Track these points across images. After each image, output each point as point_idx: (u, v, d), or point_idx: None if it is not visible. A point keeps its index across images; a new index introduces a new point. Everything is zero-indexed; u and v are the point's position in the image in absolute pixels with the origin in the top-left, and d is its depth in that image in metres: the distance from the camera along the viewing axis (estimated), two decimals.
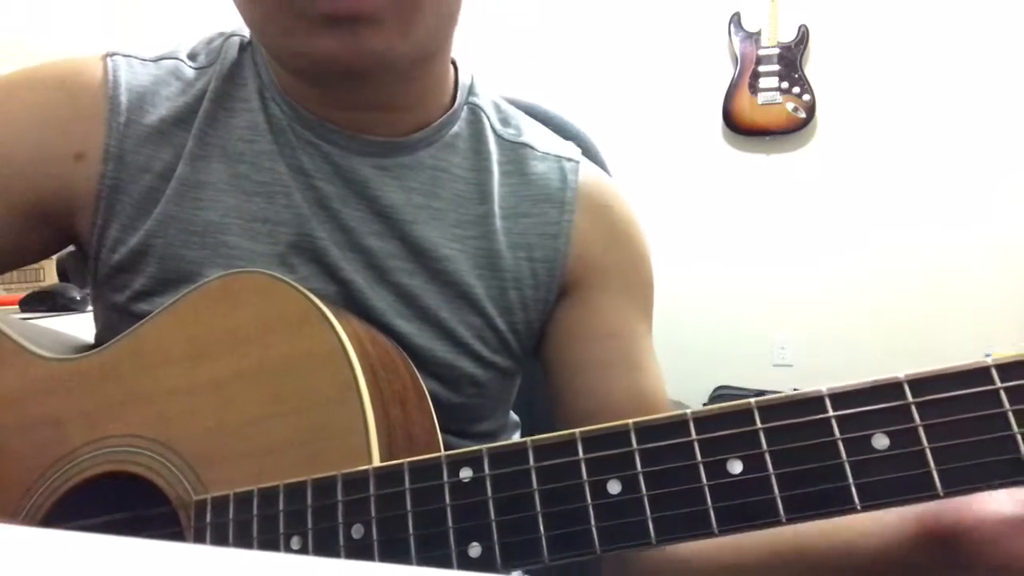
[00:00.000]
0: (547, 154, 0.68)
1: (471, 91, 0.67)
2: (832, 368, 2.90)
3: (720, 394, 3.04)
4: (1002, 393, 0.34)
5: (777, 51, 2.95)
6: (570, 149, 0.70)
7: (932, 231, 2.86)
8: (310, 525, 0.44)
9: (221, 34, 0.65)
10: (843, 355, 2.93)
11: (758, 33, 2.97)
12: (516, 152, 0.67)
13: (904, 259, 2.89)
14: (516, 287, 0.64)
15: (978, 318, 2.79)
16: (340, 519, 0.43)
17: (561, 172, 0.67)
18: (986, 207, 2.80)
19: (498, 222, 0.64)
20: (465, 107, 0.66)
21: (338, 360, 0.49)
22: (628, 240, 0.69)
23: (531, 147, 0.68)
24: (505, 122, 0.69)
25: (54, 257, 2.05)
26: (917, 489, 0.34)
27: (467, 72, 0.68)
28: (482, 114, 0.67)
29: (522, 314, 0.65)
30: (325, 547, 0.43)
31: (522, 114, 0.72)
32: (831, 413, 0.35)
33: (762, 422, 0.36)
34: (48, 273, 2.11)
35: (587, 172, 0.69)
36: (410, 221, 0.61)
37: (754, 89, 2.97)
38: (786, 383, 2.96)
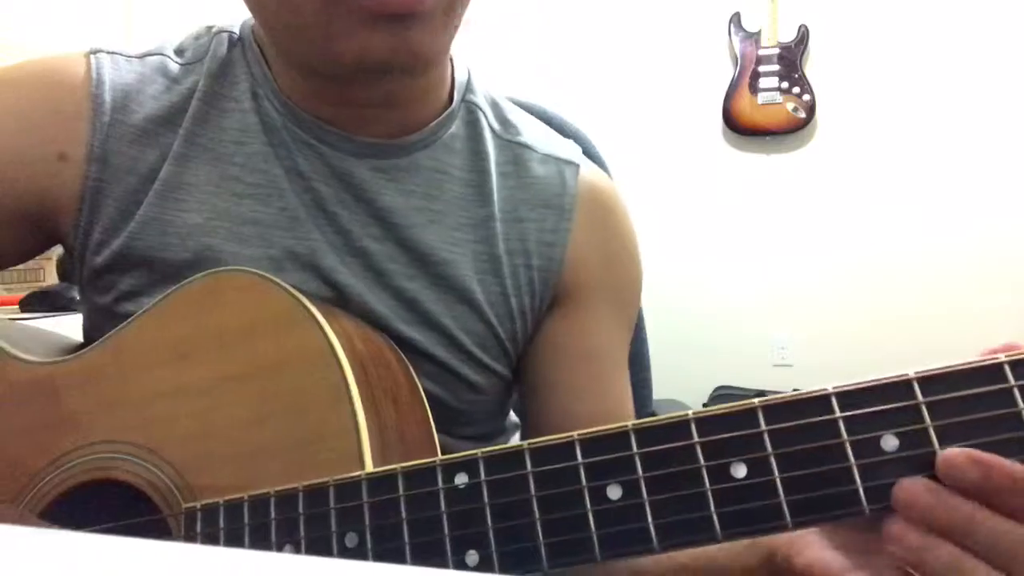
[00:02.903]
0: (547, 156, 0.66)
1: (468, 88, 0.65)
2: (832, 368, 2.88)
3: (720, 394, 3.03)
4: (1016, 392, 0.33)
5: (777, 51, 2.94)
6: (570, 149, 0.68)
7: (932, 231, 2.85)
8: (303, 534, 0.42)
9: (208, 28, 0.63)
10: (843, 355, 2.91)
11: (758, 33, 2.97)
12: (515, 152, 0.65)
13: (904, 259, 2.88)
14: (516, 294, 0.63)
15: (978, 319, 2.78)
16: (333, 527, 0.42)
17: (560, 176, 0.65)
18: (986, 207, 2.79)
19: (499, 226, 0.62)
20: (462, 106, 0.64)
21: (327, 360, 0.48)
22: (623, 255, 0.68)
23: (530, 148, 0.65)
24: (503, 120, 0.67)
25: (54, 257, 2.05)
26: None
27: (463, 69, 0.66)
28: (479, 112, 0.65)
29: (520, 322, 0.64)
30: (318, 556, 0.42)
31: (520, 111, 0.70)
32: (838, 414, 0.34)
33: (766, 423, 0.35)
34: (48, 273, 2.11)
35: (587, 177, 0.66)
36: (409, 225, 0.59)
37: (754, 89, 2.96)
38: (786, 383, 2.94)
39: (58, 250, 0.66)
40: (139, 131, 0.58)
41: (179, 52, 0.62)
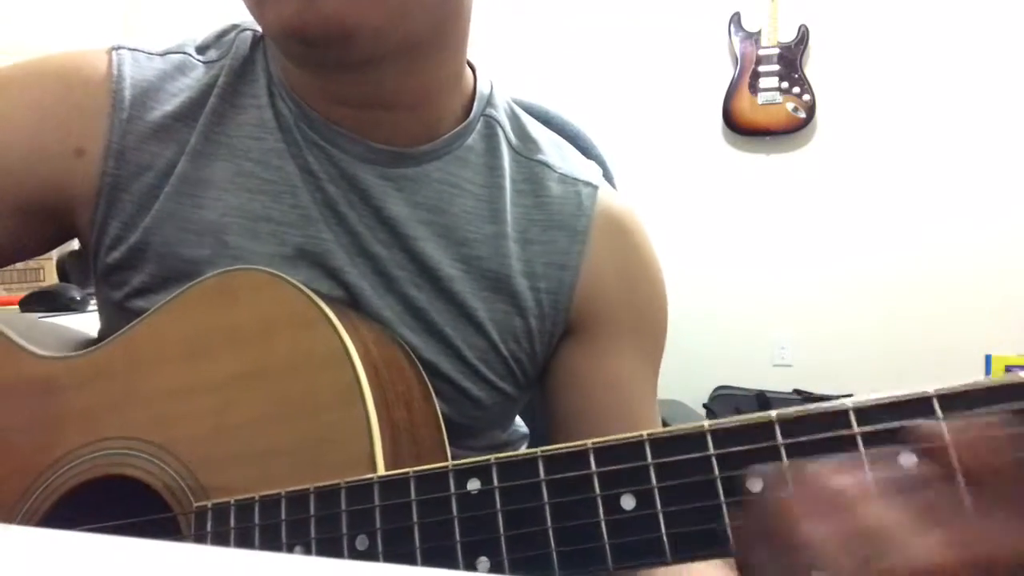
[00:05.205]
0: (565, 176, 0.64)
1: (489, 102, 0.64)
2: (832, 368, 2.90)
3: (720, 394, 3.04)
4: None
5: (777, 51, 2.95)
6: (591, 171, 0.66)
7: (932, 231, 2.86)
8: (313, 535, 0.42)
9: (235, 26, 0.63)
10: (843, 355, 2.93)
11: (758, 33, 2.97)
12: (532, 170, 0.64)
13: (904, 259, 2.89)
14: (521, 315, 0.61)
15: (978, 318, 2.79)
16: (344, 530, 0.42)
17: (577, 197, 0.63)
18: (987, 207, 2.80)
19: (510, 244, 0.61)
20: (481, 119, 0.63)
21: (340, 361, 0.47)
22: (643, 282, 0.66)
23: (549, 166, 0.64)
24: (524, 137, 0.65)
25: (54, 257, 2.05)
26: None
27: (486, 81, 0.65)
28: (498, 127, 0.63)
29: (527, 344, 0.62)
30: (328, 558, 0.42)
31: (543, 128, 0.68)
32: (856, 430, 0.34)
33: (783, 437, 0.35)
34: (48, 273, 2.10)
35: (605, 200, 0.64)
36: (413, 236, 0.59)
37: (754, 89, 2.97)
38: (786, 383, 2.96)
39: (58, 250, 0.66)
40: (157, 127, 0.58)
41: (201, 50, 0.62)
